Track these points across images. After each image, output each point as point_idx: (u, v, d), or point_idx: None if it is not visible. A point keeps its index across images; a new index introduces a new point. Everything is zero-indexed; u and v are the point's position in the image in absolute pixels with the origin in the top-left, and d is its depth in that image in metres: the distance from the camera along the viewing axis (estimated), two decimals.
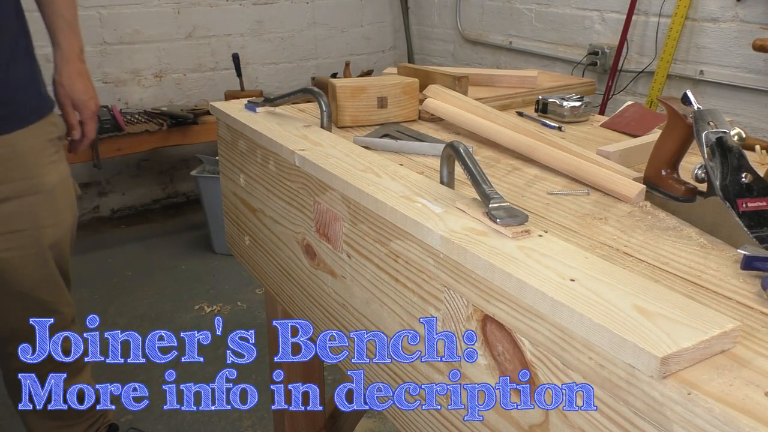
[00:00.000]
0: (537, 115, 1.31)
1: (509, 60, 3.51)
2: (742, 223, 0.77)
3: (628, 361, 0.52)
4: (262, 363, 2.31)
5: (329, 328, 1.03)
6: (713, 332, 0.53)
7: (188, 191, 3.86)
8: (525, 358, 0.63)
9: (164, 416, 2.09)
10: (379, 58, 4.23)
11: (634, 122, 1.23)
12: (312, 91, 1.14)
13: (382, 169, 0.91)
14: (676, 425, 0.50)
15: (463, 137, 1.19)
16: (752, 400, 0.48)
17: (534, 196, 0.93)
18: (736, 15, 2.48)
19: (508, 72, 1.50)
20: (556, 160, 1.02)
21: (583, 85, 1.49)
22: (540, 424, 0.63)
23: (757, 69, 2.45)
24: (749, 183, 0.80)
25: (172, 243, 3.35)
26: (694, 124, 0.84)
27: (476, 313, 0.69)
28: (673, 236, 0.81)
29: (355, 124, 1.24)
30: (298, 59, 3.94)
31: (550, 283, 0.60)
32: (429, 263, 0.74)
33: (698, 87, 2.65)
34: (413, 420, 0.85)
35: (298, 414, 1.48)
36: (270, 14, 3.79)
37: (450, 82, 1.31)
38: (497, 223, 0.71)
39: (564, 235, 0.80)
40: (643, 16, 2.80)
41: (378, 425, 2.05)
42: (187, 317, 2.66)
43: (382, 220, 0.81)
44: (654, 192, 0.91)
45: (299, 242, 1.06)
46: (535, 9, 3.29)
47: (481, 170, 0.78)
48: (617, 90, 2.94)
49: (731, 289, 0.68)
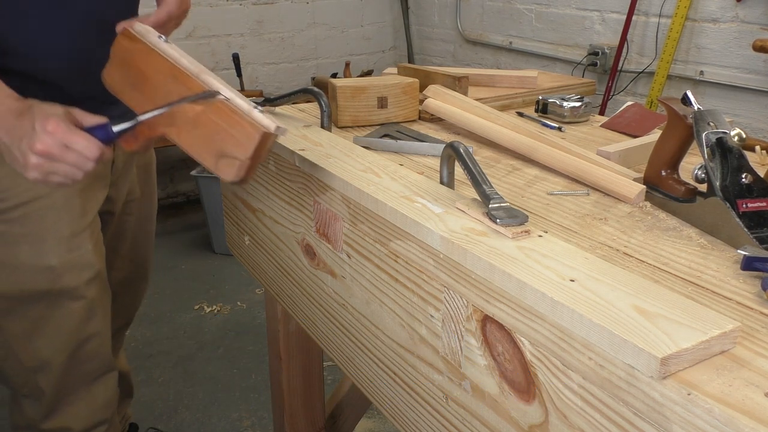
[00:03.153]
0: (537, 116, 1.31)
1: (509, 60, 3.51)
2: (742, 223, 0.77)
3: (628, 361, 0.52)
4: (262, 363, 2.32)
5: (329, 328, 1.03)
6: (713, 333, 0.53)
7: (188, 191, 3.86)
8: (525, 358, 0.63)
9: (164, 416, 2.09)
10: (379, 58, 4.22)
11: (634, 123, 1.23)
12: (312, 91, 1.14)
13: (382, 169, 0.91)
14: (675, 426, 0.50)
15: (463, 137, 1.19)
16: (752, 400, 0.48)
17: (534, 197, 0.93)
18: (737, 15, 2.48)
19: (508, 72, 1.50)
20: (556, 161, 1.02)
21: (583, 86, 1.49)
22: (540, 424, 0.63)
23: (757, 69, 2.45)
24: (749, 183, 0.80)
25: (172, 243, 3.35)
26: (694, 124, 0.84)
27: (476, 314, 0.69)
28: (673, 237, 0.81)
29: (355, 124, 1.24)
30: (298, 59, 3.94)
31: (550, 283, 0.60)
32: (429, 263, 0.74)
33: (698, 87, 2.65)
34: (413, 420, 0.85)
35: (297, 414, 1.48)
36: (270, 14, 3.79)
37: (450, 83, 1.31)
38: (497, 223, 0.71)
39: (564, 236, 0.80)
40: (644, 16, 2.80)
41: (378, 425, 2.05)
42: (187, 317, 2.66)
43: (382, 220, 0.81)
44: (654, 192, 0.91)
45: (299, 242, 1.06)
46: (535, 9, 3.28)
47: (481, 170, 0.78)
48: (617, 90, 2.94)
49: (731, 289, 0.68)
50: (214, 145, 0.81)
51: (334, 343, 1.03)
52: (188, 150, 0.85)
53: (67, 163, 0.90)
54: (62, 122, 0.89)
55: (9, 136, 0.92)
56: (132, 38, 0.92)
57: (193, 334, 2.55)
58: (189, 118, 0.84)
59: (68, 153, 0.89)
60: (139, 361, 2.35)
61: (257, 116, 0.79)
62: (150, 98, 0.88)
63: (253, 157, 0.79)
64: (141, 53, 0.91)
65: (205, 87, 0.84)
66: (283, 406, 1.46)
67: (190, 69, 0.87)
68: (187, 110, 0.84)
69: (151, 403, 2.15)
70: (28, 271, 1.20)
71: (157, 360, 2.38)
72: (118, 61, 0.95)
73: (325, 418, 1.55)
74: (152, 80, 0.89)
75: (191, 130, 0.84)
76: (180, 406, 2.15)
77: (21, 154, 0.91)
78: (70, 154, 0.89)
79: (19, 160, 0.91)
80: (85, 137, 0.89)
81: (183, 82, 0.86)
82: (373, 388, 0.94)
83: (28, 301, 1.22)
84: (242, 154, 0.79)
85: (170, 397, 2.19)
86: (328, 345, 1.05)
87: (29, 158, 0.89)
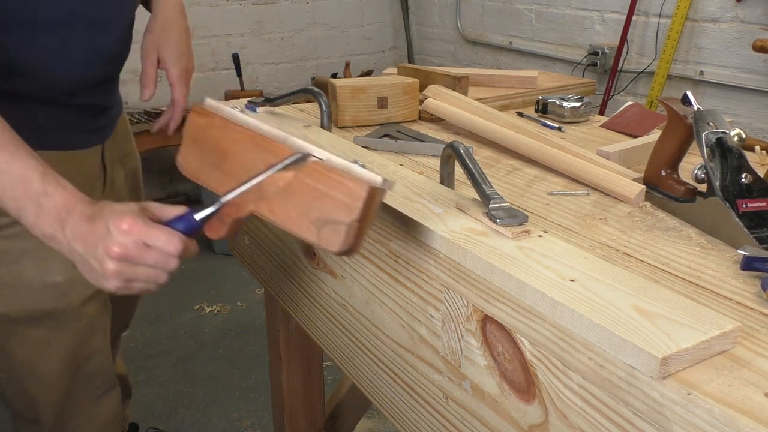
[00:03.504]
0: (537, 116, 1.31)
1: (509, 60, 3.51)
2: (742, 223, 0.77)
3: (628, 361, 0.52)
4: (262, 363, 2.32)
5: (329, 328, 1.03)
6: (713, 333, 0.53)
7: (188, 191, 3.85)
8: (525, 358, 0.63)
9: (164, 416, 2.09)
10: (379, 58, 4.22)
11: (634, 123, 1.23)
12: (312, 91, 1.15)
13: (382, 169, 0.91)
14: (675, 426, 0.50)
15: (463, 137, 1.19)
16: (752, 400, 0.48)
17: (534, 197, 0.93)
18: (736, 15, 2.48)
19: (508, 72, 1.50)
20: (556, 161, 1.02)
21: (583, 86, 1.49)
22: (540, 424, 0.63)
23: (757, 70, 2.45)
24: (749, 183, 0.80)
25: None
26: (694, 124, 0.84)
27: (476, 314, 0.69)
28: (673, 237, 0.81)
29: (355, 124, 1.24)
30: (298, 59, 3.94)
31: (550, 283, 0.60)
32: (429, 263, 0.74)
33: (698, 87, 2.65)
34: (413, 420, 0.85)
35: (297, 414, 1.48)
36: (270, 14, 3.79)
37: (450, 83, 1.31)
38: (497, 223, 0.71)
39: (564, 236, 0.80)
40: (643, 16, 2.80)
41: (378, 425, 2.05)
42: (186, 317, 2.66)
43: (382, 220, 0.81)
44: (654, 192, 0.91)
45: (299, 242, 1.06)
46: (536, 9, 3.29)
47: (481, 170, 0.78)
48: (617, 90, 2.94)
49: (731, 289, 0.68)
50: (313, 213, 0.70)
51: (334, 343, 1.03)
52: (285, 225, 0.73)
53: (148, 264, 0.79)
54: (138, 219, 0.78)
55: (83, 245, 0.80)
56: (205, 114, 0.83)
57: (193, 334, 2.55)
58: (280, 187, 0.73)
59: (148, 252, 0.78)
60: (139, 361, 2.35)
61: (359, 171, 0.69)
62: (233, 175, 0.78)
63: (361, 219, 0.68)
64: (217, 128, 0.81)
65: (293, 151, 0.74)
66: (283, 406, 1.46)
67: (275, 134, 0.77)
68: (276, 179, 0.73)
69: (151, 403, 2.15)
70: (33, 289, 1.15)
71: (157, 360, 2.38)
72: (191, 141, 0.85)
73: (325, 418, 1.55)
74: (233, 154, 0.79)
75: (284, 201, 0.73)
76: (180, 406, 2.15)
77: (97, 261, 0.79)
78: (150, 253, 0.78)
79: (96, 269, 0.80)
80: (165, 232, 0.78)
81: (268, 149, 0.75)
82: (373, 388, 0.94)
83: (32, 322, 1.18)
84: (348, 216, 0.68)
85: (170, 397, 2.19)
86: (328, 345, 1.05)
87: (106, 265, 0.78)
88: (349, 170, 0.69)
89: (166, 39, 1.28)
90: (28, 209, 0.83)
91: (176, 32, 1.29)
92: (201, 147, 0.83)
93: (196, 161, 0.84)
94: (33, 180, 0.83)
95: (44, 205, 0.82)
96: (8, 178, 0.83)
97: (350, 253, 0.70)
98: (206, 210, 0.78)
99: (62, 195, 0.83)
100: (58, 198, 0.82)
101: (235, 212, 0.77)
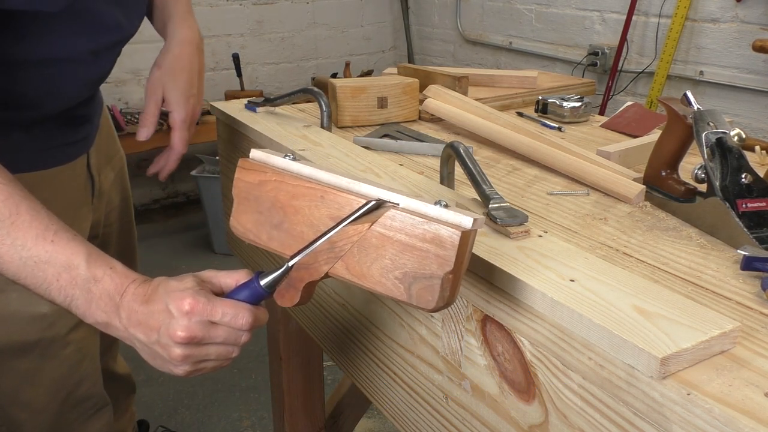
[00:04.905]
0: (537, 116, 1.31)
1: (509, 60, 3.51)
2: (742, 223, 0.77)
3: (627, 361, 0.52)
4: (262, 363, 2.32)
5: (329, 328, 1.03)
6: (713, 333, 0.53)
7: (188, 191, 3.85)
8: (525, 358, 0.63)
9: (164, 416, 2.09)
10: (379, 58, 4.22)
11: (634, 123, 1.23)
12: (312, 91, 1.15)
13: (382, 169, 0.91)
14: (675, 426, 0.50)
15: (463, 137, 1.19)
16: (752, 400, 0.48)
17: (534, 197, 0.93)
18: (736, 15, 2.48)
19: (508, 72, 1.50)
20: (556, 161, 1.02)
21: (583, 86, 1.49)
22: (540, 424, 0.63)
23: (757, 70, 2.45)
24: (749, 184, 0.80)
25: (173, 243, 3.35)
26: (694, 124, 0.84)
27: (476, 314, 0.69)
28: (672, 237, 0.81)
29: (355, 124, 1.24)
30: (298, 59, 3.94)
31: (550, 283, 0.60)
32: None
33: (698, 87, 2.65)
34: (413, 420, 0.85)
35: (298, 414, 1.48)
36: (270, 14, 3.79)
37: (450, 83, 1.31)
38: (497, 223, 0.71)
39: (564, 236, 0.80)
40: (643, 16, 2.80)
41: (378, 425, 2.05)
42: None
43: None
44: (654, 192, 0.91)
45: None
46: (535, 9, 3.29)
47: (481, 170, 0.78)
48: (617, 90, 2.94)
49: (731, 289, 0.68)
50: (398, 268, 0.61)
51: (334, 344, 1.03)
52: (368, 285, 0.64)
53: (218, 343, 0.73)
54: (199, 296, 0.72)
55: (144, 332, 0.74)
56: (254, 169, 0.72)
57: None
58: (355, 242, 0.64)
59: (216, 330, 0.72)
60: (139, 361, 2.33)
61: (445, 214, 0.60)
62: (297, 234, 0.70)
63: (455, 270, 0.59)
64: (270, 183, 0.71)
65: (363, 198, 0.65)
66: (283, 406, 1.46)
67: (337, 182, 0.68)
68: (349, 234, 0.64)
69: (151, 403, 2.15)
70: (19, 320, 1.08)
71: None
72: (243, 201, 0.74)
73: (325, 418, 1.55)
74: (293, 211, 0.70)
75: (362, 257, 0.64)
76: (180, 406, 2.15)
77: (162, 348, 0.73)
78: (218, 330, 0.72)
79: (163, 356, 0.74)
80: (231, 306, 0.72)
81: (333, 201, 0.66)
82: (373, 388, 0.94)
83: (18, 353, 1.11)
84: (440, 269, 0.59)
85: (170, 397, 2.19)
86: (328, 345, 1.05)
87: (173, 351, 0.72)
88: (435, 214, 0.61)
89: (175, 78, 1.16)
90: (78, 298, 0.76)
91: (187, 73, 1.17)
92: (256, 206, 0.73)
93: (252, 223, 0.74)
94: (79, 266, 0.76)
95: (94, 291, 0.76)
96: (52, 269, 0.77)
97: (447, 306, 0.62)
98: (272, 274, 0.71)
99: (112, 277, 0.76)
100: (108, 281, 0.76)
101: (307, 276, 0.68)
